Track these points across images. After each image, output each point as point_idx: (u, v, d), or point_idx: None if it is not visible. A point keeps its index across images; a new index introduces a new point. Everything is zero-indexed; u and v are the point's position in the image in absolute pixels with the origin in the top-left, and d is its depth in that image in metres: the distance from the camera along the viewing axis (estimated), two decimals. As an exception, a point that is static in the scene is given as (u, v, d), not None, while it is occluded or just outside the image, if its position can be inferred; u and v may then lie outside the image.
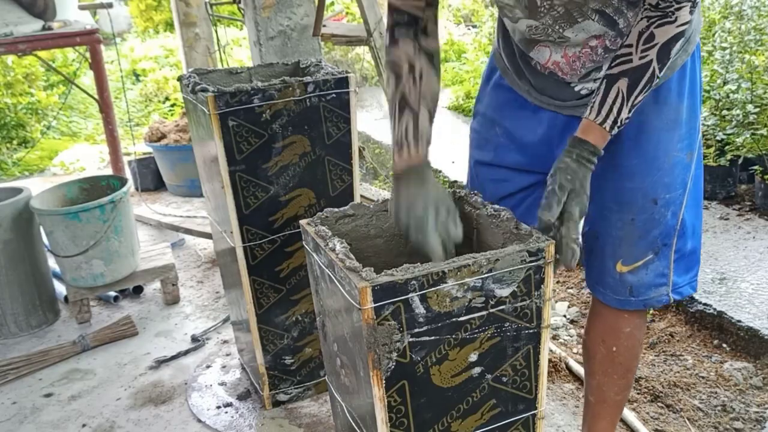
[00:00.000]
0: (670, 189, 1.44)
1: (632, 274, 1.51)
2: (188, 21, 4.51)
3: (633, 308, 1.55)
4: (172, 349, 2.66)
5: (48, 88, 6.73)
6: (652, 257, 1.49)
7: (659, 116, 1.41)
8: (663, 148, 1.42)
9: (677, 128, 1.42)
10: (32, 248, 2.84)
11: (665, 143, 1.42)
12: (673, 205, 1.45)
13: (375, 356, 1.18)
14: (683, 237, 1.49)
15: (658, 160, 1.43)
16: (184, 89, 2.11)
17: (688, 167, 1.46)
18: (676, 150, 1.43)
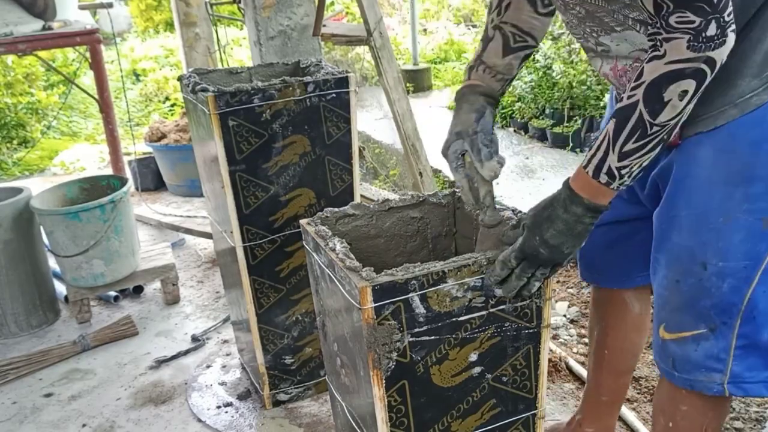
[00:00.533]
0: (725, 256, 1.19)
1: (677, 344, 1.30)
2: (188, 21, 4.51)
3: (678, 384, 1.34)
4: (173, 348, 2.66)
5: (48, 88, 6.73)
6: (706, 332, 1.25)
7: (718, 166, 1.17)
8: (719, 205, 1.18)
9: (746, 184, 1.15)
10: (32, 248, 2.84)
11: (723, 200, 1.18)
12: (731, 277, 1.20)
13: (375, 356, 1.18)
14: (753, 322, 1.22)
15: (709, 218, 1.20)
16: (184, 89, 2.11)
17: (765, 238, 1.17)
18: (741, 211, 1.16)
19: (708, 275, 1.21)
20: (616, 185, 1.12)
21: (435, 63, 7.87)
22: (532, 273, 1.19)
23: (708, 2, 1.00)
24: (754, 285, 1.20)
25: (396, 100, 3.45)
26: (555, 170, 4.30)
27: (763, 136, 1.13)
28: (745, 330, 1.22)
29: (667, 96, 1.05)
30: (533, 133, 5.06)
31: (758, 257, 1.18)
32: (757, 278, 1.19)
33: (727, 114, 1.13)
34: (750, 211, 1.16)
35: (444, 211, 1.56)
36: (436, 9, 9.36)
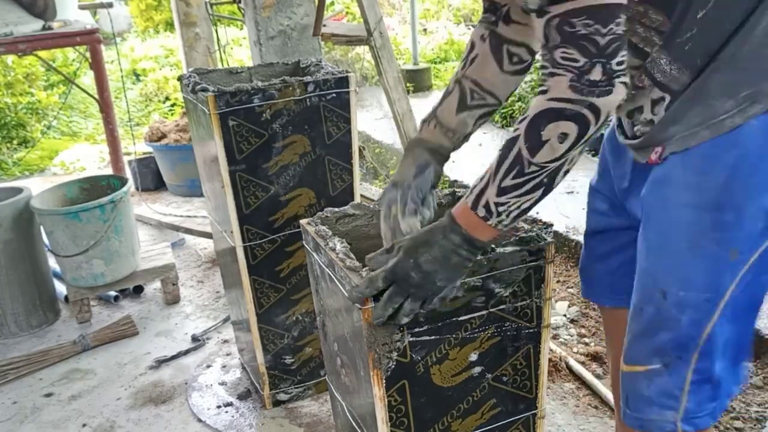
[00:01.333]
0: (686, 286, 1.10)
1: (630, 379, 1.20)
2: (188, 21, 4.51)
3: (628, 424, 1.23)
4: (173, 348, 2.66)
5: (48, 87, 6.73)
6: (659, 368, 1.15)
7: (689, 188, 1.08)
8: (685, 229, 1.09)
9: (716, 211, 1.05)
10: (32, 248, 2.84)
11: (690, 224, 1.08)
12: (691, 309, 1.10)
13: (375, 356, 1.18)
14: (710, 357, 1.12)
15: (674, 242, 1.10)
16: (184, 89, 2.11)
17: (732, 269, 1.08)
18: (709, 239, 1.07)
19: (668, 305, 1.11)
20: (493, 222, 1.06)
21: (435, 63, 7.87)
22: (401, 304, 1.10)
23: (593, 43, 0.94)
24: (715, 319, 1.10)
25: (396, 100, 3.45)
26: (555, 170, 4.29)
27: (736, 160, 1.03)
28: (702, 365, 1.13)
29: (546, 135, 0.99)
30: (533, 133, 5.06)
31: (721, 290, 1.08)
32: (718, 312, 1.09)
33: (700, 135, 1.04)
34: (718, 240, 1.06)
35: (444, 210, 1.55)
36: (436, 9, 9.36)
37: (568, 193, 3.83)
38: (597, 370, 2.34)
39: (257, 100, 1.90)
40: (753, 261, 1.07)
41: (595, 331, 2.60)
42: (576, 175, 4.12)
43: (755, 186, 1.03)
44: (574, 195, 3.80)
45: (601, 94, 0.97)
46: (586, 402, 2.19)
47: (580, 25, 0.94)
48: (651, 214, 1.13)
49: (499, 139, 5.16)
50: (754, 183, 1.03)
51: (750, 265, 1.07)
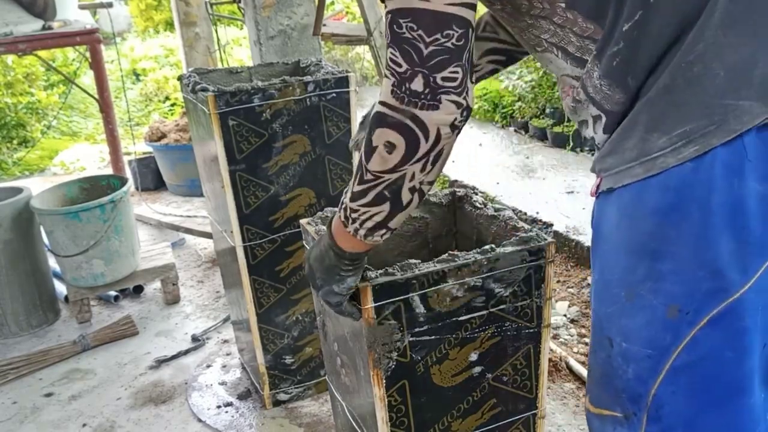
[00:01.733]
0: (627, 337, 0.98)
1: (598, 421, 1.09)
2: (188, 20, 4.51)
3: None
4: (173, 348, 2.66)
5: (48, 87, 6.73)
6: (621, 418, 1.04)
7: (621, 230, 0.97)
8: (620, 276, 0.98)
9: (650, 259, 0.93)
10: (32, 248, 2.84)
11: (625, 271, 0.97)
12: (634, 363, 0.98)
13: (375, 356, 1.18)
14: (659, 423, 0.98)
15: (613, 289, 0.99)
16: (184, 89, 2.11)
17: (674, 328, 0.93)
18: (645, 289, 0.95)
19: (614, 354, 1.01)
20: (351, 229, 1.02)
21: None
22: None
23: (416, 50, 0.87)
24: (659, 381, 0.97)
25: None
26: (555, 170, 4.30)
27: (670, 206, 0.90)
28: (653, 430, 1.00)
29: (374, 141, 0.93)
30: (533, 133, 5.06)
31: (663, 350, 0.95)
32: (663, 373, 0.96)
33: (633, 172, 0.92)
34: (654, 291, 0.94)
35: (444, 210, 1.55)
36: (436, 8, 9.33)
37: (568, 193, 3.83)
38: (597, 370, 2.34)
39: (257, 100, 1.90)
40: (703, 325, 0.92)
41: (596, 331, 2.60)
42: (576, 174, 4.12)
43: (695, 237, 0.89)
44: (574, 195, 3.80)
45: (425, 107, 0.90)
46: (587, 402, 2.19)
47: (405, 26, 0.88)
48: (593, 254, 1.04)
49: (499, 138, 5.16)
50: (693, 233, 0.89)
51: (700, 330, 0.92)
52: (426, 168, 0.95)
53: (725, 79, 0.86)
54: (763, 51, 0.85)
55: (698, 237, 0.89)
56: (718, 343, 0.92)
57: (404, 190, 0.97)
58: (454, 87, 0.90)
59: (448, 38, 0.88)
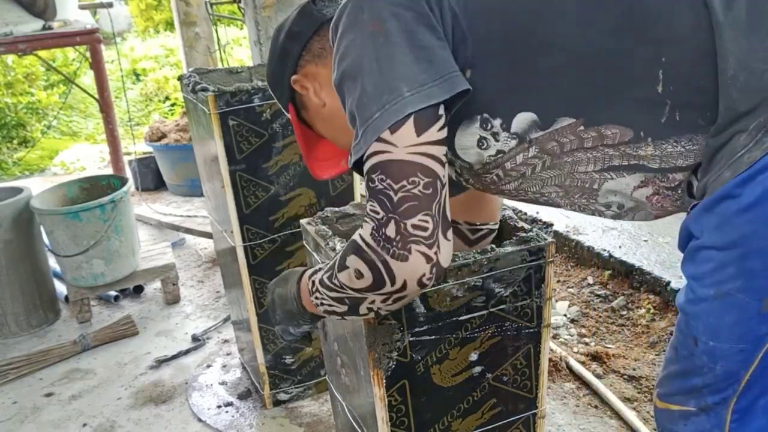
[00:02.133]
0: (716, 336, 1.00)
1: (665, 416, 1.11)
2: (188, 20, 4.51)
3: None
4: (173, 348, 2.66)
5: (48, 87, 6.73)
6: (696, 411, 1.06)
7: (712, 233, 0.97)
8: (710, 273, 0.98)
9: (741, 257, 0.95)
10: (33, 248, 2.84)
11: (714, 270, 0.98)
12: (724, 360, 1.00)
13: (375, 355, 1.18)
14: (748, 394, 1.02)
15: (702, 289, 1.00)
16: (184, 89, 2.11)
17: (765, 320, 0.96)
18: (735, 288, 0.96)
19: (699, 353, 1.02)
20: (312, 299, 1.11)
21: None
22: None
23: (388, 198, 0.93)
24: (754, 367, 1.00)
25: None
26: (555, 170, 4.30)
27: (759, 201, 0.92)
28: (741, 405, 1.04)
29: (348, 262, 1.00)
30: (533, 133, 5.06)
31: (758, 341, 0.98)
32: (757, 361, 1.00)
33: (722, 177, 0.95)
34: (745, 289, 0.95)
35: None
36: (436, 8, 9.33)
37: (569, 193, 3.82)
38: (597, 370, 2.34)
39: (257, 100, 1.90)
40: None
41: (595, 331, 2.60)
42: (576, 174, 4.11)
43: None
44: (575, 195, 3.80)
45: (395, 256, 0.94)
46: (586, 402, 2.19)
47: (377, 180, 0.94)
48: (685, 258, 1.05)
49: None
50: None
51: None
52: (387, 302, 1.01)
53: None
54: None
55: None
56: None
57: (363, 306, 1.03)
58: (425, 237, 0.93)
59: (414, 185, 0.93)
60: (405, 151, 0.93)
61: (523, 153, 1.03)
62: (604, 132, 0.98)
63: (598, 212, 1.10)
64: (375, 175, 0.95)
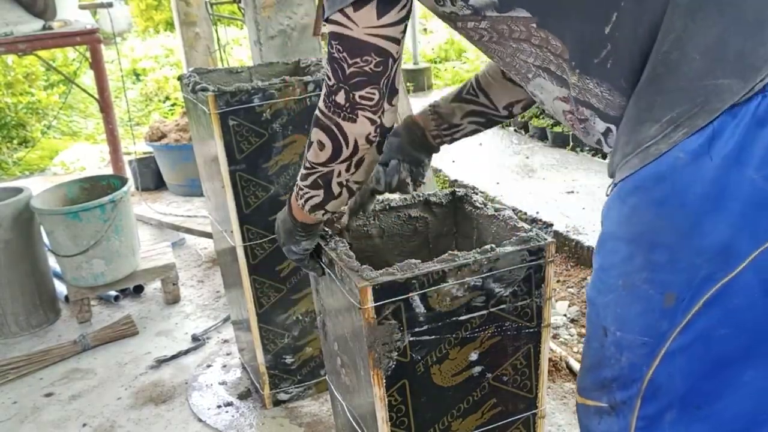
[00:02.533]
0: (623, 326, 1.00)
1: (583, 412, 1.11)
2: (188, 20, 4.51)
3: None
4: (173, 348, 2.66)
5: (48, 87, 6.73)
6: (608, 409, 1.06)
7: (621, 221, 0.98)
8: (619, 264, 0.99)
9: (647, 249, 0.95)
10: (33, 248, 2.84)
11: (623, 260, 0.98)
12: (628, 351, 1.00)
13: (375, 355, 1.18)
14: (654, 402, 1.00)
15: (611, 278, 1.00)
16: (184, 89, 2.11)
17: (669, 316, 0.94)
18: (641, 279, 0.96)
19: (608, 343, 1.02)
20: (300, 203, 1.21)
21: (435, 62, 7.87)
22: None
23: (341, 68, 1.02)
24: (655, 365, 0.98)
25: (396, 100, 3.43)
26: (555, 169, 4.30)
27: (663, 195, 0.91)
28: (646, 412, 1.02)
29: (311, 137, 1.11)
30: (533, 133, 5.06)
31: (660, 336, 0.96)
32: (659, 358, 0.97)
33: (631, 164, 0.94)
34: (650, 281, 0.95)
35: (444, 210, 1.56)
36: (437, 8, 9.33)
37: (568, 193, 3.83)
38: (597, 370, 2.34)
39: (257, 100, 1.90)
40: (698, 310, 0.93)
41: (596, 331, 2.60)
42: (576, 174, 4.12)
43: (688, 225, 0.91)
44: (574, 195, 3.80)
45: (345, 118, 1.06)
46: (587, 401, 2.19)
47: (335, 48, 1.02)
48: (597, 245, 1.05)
49: (499, 138, 5.16)
50: (686, 221, 0.91)
51: (695, 314, 0.93)
52: (350, 169, 1.13)
53: (701, 62, 0.88)
54: (732, 29, 0.88)
55: (693, 225, 0.90)
56: (712, 323, 0.94)
57: (333, 183, 1.15)
58: (371, 105, 1.05)
59: (367, 63, 1.02)
60: (363, 32, 1.00)
61: (474, 22, 1.06)
62: (550, 39, 0.99)
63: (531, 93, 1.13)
64: (334, 42, 1.02)
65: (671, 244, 0.93)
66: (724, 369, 0.96)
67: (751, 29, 0.87)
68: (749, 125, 0.86)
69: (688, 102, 0.89)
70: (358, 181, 1.17)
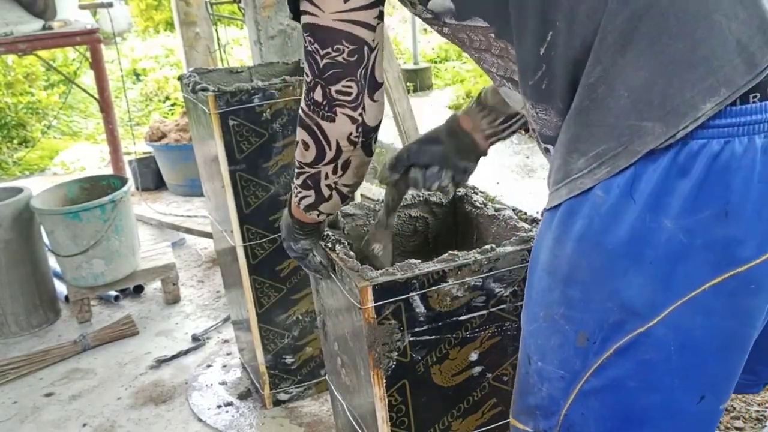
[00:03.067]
0: (543, 357, 0.97)
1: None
2: (188, 20, 4.50)
3: None
4: (173, 348, 2.66)
5: (48, 87, 6.73)
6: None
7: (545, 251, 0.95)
8: (541, 296, 0.96)
9: (564, 284, 0.92)
10: (33, 248, 2.84)
11: (545, 292, 0.96)
12: (547, 382, 0.97)
13: (375, 355, 1.18)
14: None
15: (534, 307, 0.98)
16: (184, 88, 2.11)
17: (581, 354, 0.92)
18: (558, 314, 0.93)
19: (532, 371, 1.00)
20: (296, 200, 1.18)
21: (435, 62, 7.87)
22: None
23: (315, 62, 0.97)
24: (570, 402, 0.96)
25: (396, 100, 3.45)
26: (555, 169, 4.30)
27: (582, 231, 0.88)
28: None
29: (297, 137, 1.06)
30: (533, 133, 5.06)
31: (574, 374, 0.94)
32: (573, 395, 0.95)
33: (559, 193, 0.91)
34: (566, 317, 0.92)
35: (444, 210, 1.56)
36: (437, 8, 9.32)
37: (569, 193, 3.82)
38: (597, 370, 2.34)
39: (257, 100, 1.90)
40: (609, 355, 0.90)
41: (596, 331, 2.60)
42: (576, 174, 4.11)
43: (602, 266, 0.87)
44: (575, 194, 3.79)
45: (324, 117, 1.00)
46: (587, 401, 2.19)
47: (307, 41, 0.97)
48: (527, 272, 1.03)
49: (500, 138, 5.15)
50: (601, 262, 0.87)
51: (606, 359, 0.90)
52: (337, 172, 1.08)
53: (629, 101, 0.84)
54: (660, 72, 0.82)
55: (606, 268, 0.87)
56: (623, 373, 0.90)
57: (322, 185, 1.11)
58: (348, 101, 0.98)
59: (339, 53, 0.96)
60: (331, 18, 0.94)
61: (437, 27, 1.03)
62: (509, 49, 0.94)
63: None
64: (306, 35, 0.97)
65: (585, 282, 0.89)
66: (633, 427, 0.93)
67: (680, 70, 0.81)
68: (668, 172, 0.82)
69: (613, 140, 0.85)
70: (348, 184, 1.13)
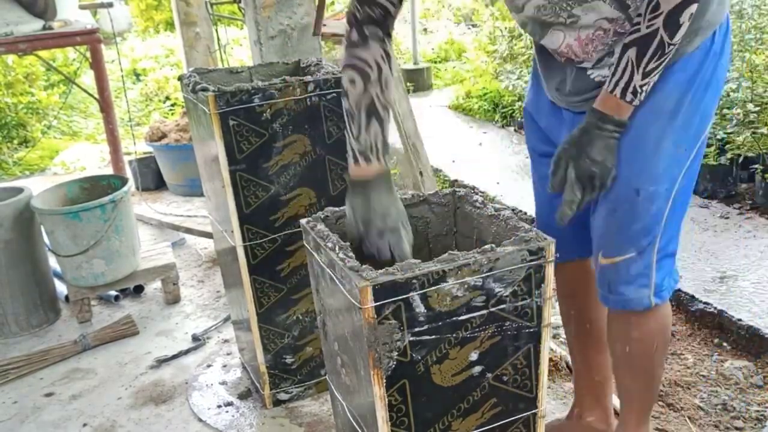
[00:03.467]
0: (655, 181, 1.40)
1: (612, 269, 1.47)
2: (189, 20, 4.51)
3: (613, 307, 1.54)
4: (173, 348, 2.66)
5: (48, 87, 6.73)
6: (634, 255, 1.45)
7: (651, 103, 1.37)
8: (652, 136, 1.38)
9: (673, 119, 1.37)
10: (33, 248, 2.84)
11: (656, 132, 1.38)
12: (658, 199, 1.41)
13: (376, 355, 1.18)
14: (667, 235, 1.45)
15: (644, 148, 1.38)
16: (184, 89, 2.12)
17: (680, 163, 1.41)
18: (669, 142, 1.38)
19: (640, 200, 1.40)
20: (637, 101, 1.34)
21: (435, 62, 7.88)
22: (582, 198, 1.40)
23: None
24: (670, 204, 1.41)
25: (396, 100, 3.45)
26: (555, 169, 4.29)
27: (688, 81, 1.37)
28: (662, 244, 1.44)
29: (682, 19, 1.26)
30: (533, 133, 5.06)
31: (675, 181, 1.41)
32: (671, 198, 1.41)
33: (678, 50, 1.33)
34: (675, 142, 1.38)
35: (444, 210, 1.56)
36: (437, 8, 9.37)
37: (569, 193, 3.82)
38: (597, 370, 2.34)
39: (257, 100, 1.90)
40: (693, 155, 1.41)
41: (596, 331, 2.60)
42: (576, 174, 4.11)
43: (698, 100, 1.38)
44: (575, 194, 3.79)
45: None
46: (587, 401, 2.18)
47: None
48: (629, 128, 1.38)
49: (499, 138, 5.16)
50: (697, 98, 1.37)
51: (691, 160, 1.41)
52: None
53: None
54: None
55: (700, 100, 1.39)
56: (696, 159, 1.43)
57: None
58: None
59: None
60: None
61: None
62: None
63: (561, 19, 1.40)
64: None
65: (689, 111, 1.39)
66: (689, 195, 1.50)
67: None
68: None
69: None
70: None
